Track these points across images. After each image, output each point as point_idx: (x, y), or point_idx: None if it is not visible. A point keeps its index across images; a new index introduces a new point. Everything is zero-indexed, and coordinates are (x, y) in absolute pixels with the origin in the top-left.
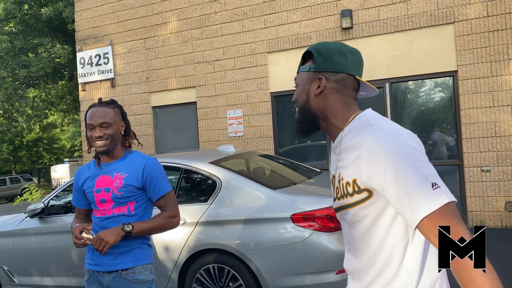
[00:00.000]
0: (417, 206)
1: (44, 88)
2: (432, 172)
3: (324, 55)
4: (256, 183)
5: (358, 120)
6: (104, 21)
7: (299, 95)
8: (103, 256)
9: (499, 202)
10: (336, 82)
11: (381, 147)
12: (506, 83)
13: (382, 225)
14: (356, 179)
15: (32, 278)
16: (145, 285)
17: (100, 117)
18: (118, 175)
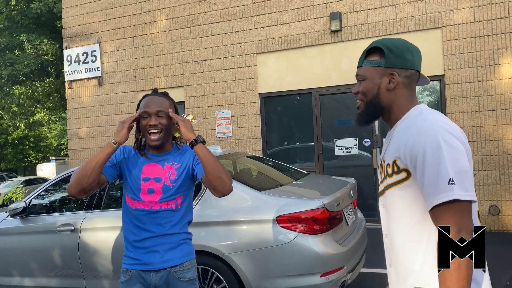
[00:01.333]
0: (431, 194)
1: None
2: (458, 170)
3: (396, 52)
4: (242, 184)
5: (413, 111)
6: (92, 19)
7: (369, 88)
8: (151, 255)
9: (483, 206)
10: (406, 78)
11: (424, 131)
12: (491, 88)
13: (417, 210)
14: (396, 160)
15: (12, 278)
16: (190, 283)
17: (157, 106)
18: (169, 165)
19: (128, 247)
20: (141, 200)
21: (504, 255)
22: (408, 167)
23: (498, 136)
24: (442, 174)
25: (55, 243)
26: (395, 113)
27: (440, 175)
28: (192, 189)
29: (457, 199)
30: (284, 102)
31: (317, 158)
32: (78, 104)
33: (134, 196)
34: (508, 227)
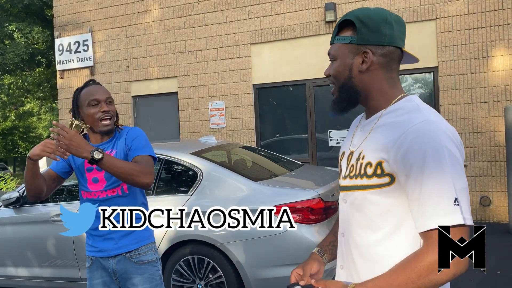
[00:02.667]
0: (431, 214)
1: (21, 75)
2: (462, 187)
3: (369, 26)
4: (237, 175)
5: (405, 102)
6: (84, 7)
7: (340, 70)
8: (106, 242)
9: (474, 197)
10: (383, 57)
11: (426, 135)
12: (484, 80)
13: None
14: (382, 162)
15: (5, 268)
16: (151, 265)
17: (105, 93)
18: (108, 152)
19: (87, 235)
20: (88, 191)
21: (495, 246)
22: (396, 173)
23: (490, 128)
24: (447, 192)
25: (49, 233)
26: (376, 99)
27: (443, 193)
28: None
29: (463, 223)
30: (278, 93)
31: (311, 149)
32: (70, 94)
33: (83, 187)
34: (499, 217)
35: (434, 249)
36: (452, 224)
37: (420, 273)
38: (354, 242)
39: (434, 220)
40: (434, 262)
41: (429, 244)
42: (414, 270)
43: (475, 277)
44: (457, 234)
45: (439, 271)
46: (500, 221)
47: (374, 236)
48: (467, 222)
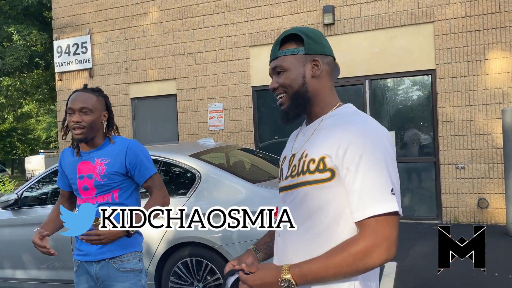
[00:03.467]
0: (371, 202)
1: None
2: (396, 180)
3: (313, 38)
4: (236, 177)
5: (344, 109)
6: (82, 9)
7: (293, 78)
8: (90, 245)
9: (472, 199)
10: (327, 65)
11: (367, 133)
12: (482, 82)
13: (328, 214)
14: (325, 157)
15: (4, 271)
16: (133, 274)
17: (81, 102)
18: (99, 160)
19: (77, 240)
20: (81, 197)
21: (492, 248)
22: (337, 168)
23: (488, 130)
24: (385, 183)
25: None
26: (320, 106)
27: (382, 184)
28: (130, 182)
29: (397, 211)
30: None
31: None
32: (68, 96)
33: (77, 194)
34: (497, 220)
35: (371, 235)
36: (390, 211)
37: (356, 256)
38: (291, 241)
39: (373, 208)
40: (370, 246)
41: (366, 230)
42: (351, 253)
43: (473, 279)
44: (390, 222)
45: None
46: (498, 223)
47: (313, 232)
48: (400, 212)
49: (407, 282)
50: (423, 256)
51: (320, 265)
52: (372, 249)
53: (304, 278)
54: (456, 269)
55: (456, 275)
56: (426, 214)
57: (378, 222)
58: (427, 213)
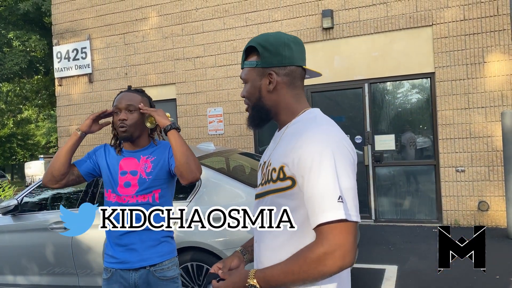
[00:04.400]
0: (318, 210)
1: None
2: (348, 186)
3: (270, 50)
4: (236, 181)
5: (306, 115)
6: (82, 15)
7: (251, 92)
8: (129, 253)
9: (472, 202)
10: (286, 76)
11: (317, 140)
12: (481, 85)
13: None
14: (283, 166)
15: (4, 276)
16: (172, 282)
17: (127, 100)
18: (145, 158)
19: (108, 245)
20: (118, 195)
21: (493, 250)
22: (295, 176)
23: (487, 133)
24: (331, 190)
25: (48, 240)
26: (283, 114)
27: (329, 191)
28: (171, 183)
29: (345, 219)
30: None
31: None
32: (68, 101)
33: (113, 190)
34: (497, 222)
35: (323, 243)
36: (335, 219)
37: (310, 264)
38: (264, 246)
39: (321, 216)
40: (323, 254)
41: (319, 238)
42: (306, 261)
43: (473, 281)
44: (342, 229)
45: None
46: (498, 226)
47: (281, 238)
48: (351, 218)
49: (408, 285)
50: (424, 259)
51: (280, 271)
52: (326, 256)
53: (268, 284)
54: (457, 272)
55: (457, 278)
56: (427, 217)
57: (330, 229)
58: (428, 216)
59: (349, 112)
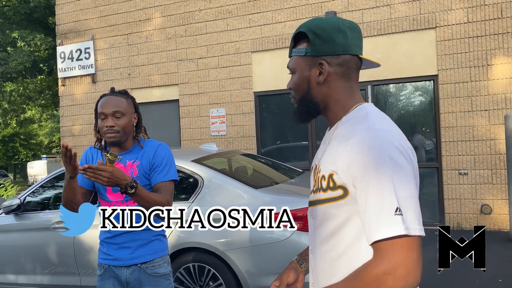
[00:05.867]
0: (375, 226)
1: (22, 82)
2: (407, 195)
3: (322, 36)
4: (238, 182)
5: (357, 112)
6: (86, 15)
7: (298, 83)
8: (121, 250)
9: (475, 205)
10: (339, 66)
11: (368, 142)
12: (484, 88)
13: (348, 233)
14: (332, 174)
15: (6, 276)
16: (164, 278)
17: (114, 106)
18: (131, 162)
19: (102, 243)
20: (108, 200)
21: (496, 254)
22: (346, 185)
23: (490, 136)
24: (387, 202)
25: (50, 240)
26: (333, 111)
27: (384, 203)
28: None
29: (406, 234)
30: (278, 101)
31: (311, 156)
32: (71, 101)
33: (102, 197)
34: (500, 226)
35: (381, 261)
36: (392, 236)
37: (369, 284)
38: (319, 259)
39: (378, 232)
40: (382, 274)
41: (377, 256)
42: (363, 281)
43: (476, 285)
44: (403, 245)
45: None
46: (501, 229)
47: (336, 251)
48: (412, 232)
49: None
50: (426, 262)
51: None
52: (385, 276)
53: None
54: (458, 275)
55: (459, 281)
56: (429, 220)
57: (389, 246)
58: (430, 219)
59: None
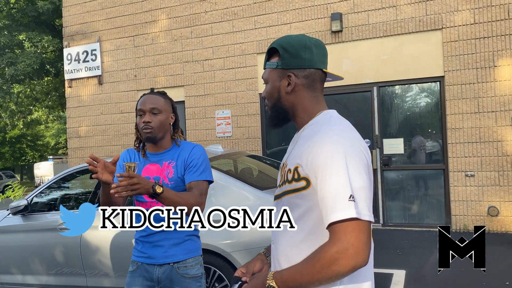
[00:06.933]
0: (330, 210)
1: (29, 84)
2: (360, 186)
3: (290, 52)
4: (243, 183)
5: (322, 116)
6: (92, 17)
7: (270, 92)
8: (155, 249)
9: (482, 207)
10: (305, 78)
11: (329, 140)
12: (491, 89)
13: (309, 221)
14: (298, 166)
15: (14, 276)
16: (195, 280)
17: (151, 103)
18: (167, 163)
19: (137, 241)
20: (143, 201)
21: (503, 256)
22: (309, 176)
23: (497, 138)
24: (342, 189)
25: (56, 241)
26: (301, 116)
27: (340, 190)
28: None
29: (357, 217)
30: None
31: None
32: (78, 103)
33: (138, 197)
34: (507, 227)
35: (335, 242)
36: (345, 218)
37: (323, 264)
38: (282, 247)
39: (332, 215)
40: (335, 253)
41: (331, 237)
42: (319, 261)
43: (482, 287)
44: (354, 228)
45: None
46: (508, 231)
47: (297, 238)
48: (363, 217)
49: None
50: (432, 264)
51: (296, 272)
52: (338, 255)
53: (285, 284)
54: (465, 277)
55: (466, 284)
56: (435, 222)
57: (342, 228)
58: (436, 221)
59: (357, 115)
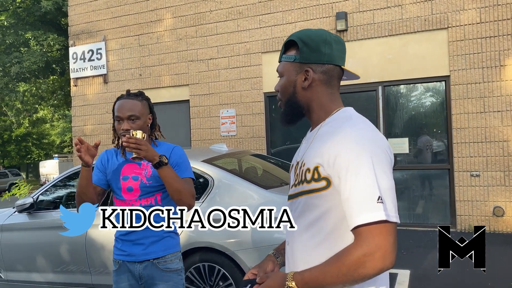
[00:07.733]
0: (357, 211)
1: (35, 82)
2: (387, 187)
3: (310, 46)
4: (248, 183)
5: (341, 114)
6: (98, 17)
7: (285, 86)
8: (135, 247)
9: (487, 207)
10: (323, 74)
11: (353, 139)
12: (497, 89)
13: (329, 222)
14: (318, 166)
15: (19, 273)
16: (176, 274)
17: (129, 110)
18: (145, 163)
19: (117, 239)
20: (123, 199)
21: (508, 257)
22: (330, 176)
23: (503, 137)
24: (371, 191)
25: (62, 239)
26: (317, 113)
27: (368, 191)
28: None
29: (386, 220)
30: None
31: None
32: (83, 102)
33: (117, 196)
34: None
35: (362, 245)
36: (374, 220)
37: (349, 266)
38: (297, 248)
39: (360, 217)
40: (362, 256)
41: (358, 239)
42: (344, 264)
43: None
44: (382, 230)
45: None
46: None
47: (316, 239)
48: (391, 219)
49: None
50: (437, 264)
51: (319, 273)
52: (365, 258)
53: (307, 286)
54: (470, 278)
55: (471, 285)
56: (440, 222)
57: (369, 231)
58: (441, 221)
59: (362, 114)
